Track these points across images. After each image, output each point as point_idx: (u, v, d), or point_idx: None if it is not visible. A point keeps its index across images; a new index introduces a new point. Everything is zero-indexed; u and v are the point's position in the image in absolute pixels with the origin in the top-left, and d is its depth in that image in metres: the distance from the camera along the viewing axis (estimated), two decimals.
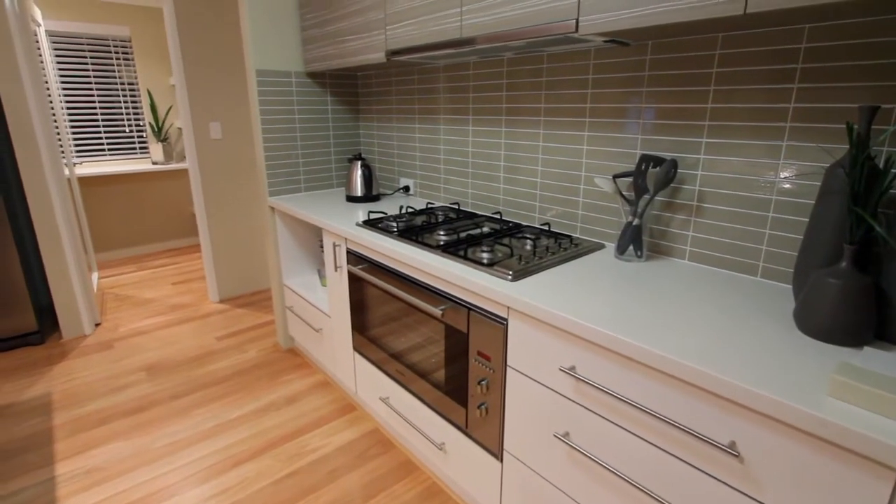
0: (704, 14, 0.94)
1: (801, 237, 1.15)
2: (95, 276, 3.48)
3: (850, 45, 1.01)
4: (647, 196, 1.33)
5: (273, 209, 2.33)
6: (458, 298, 1.35)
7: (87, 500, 1.61)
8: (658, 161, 1.31)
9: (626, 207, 1.39)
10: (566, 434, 1.13)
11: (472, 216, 1.89)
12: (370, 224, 1.77)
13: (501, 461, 1.34)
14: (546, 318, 1.07)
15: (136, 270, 3.92)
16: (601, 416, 1.04)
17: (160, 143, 4.27)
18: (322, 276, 2.41)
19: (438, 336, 1.46)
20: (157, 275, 3.81)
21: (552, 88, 1.61)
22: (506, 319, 1.21)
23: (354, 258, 1.78)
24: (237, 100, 3.11)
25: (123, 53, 4.10)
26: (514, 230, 1.66)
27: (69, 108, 3.94)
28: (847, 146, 1.04)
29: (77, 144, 4.02)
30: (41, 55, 2.93)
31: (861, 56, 1.00)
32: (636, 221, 1.35)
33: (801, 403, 0.71)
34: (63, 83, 3.88)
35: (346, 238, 1.76)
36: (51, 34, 3.76)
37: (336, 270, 1.91)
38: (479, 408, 1.36)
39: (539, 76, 1.63)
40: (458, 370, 1.41)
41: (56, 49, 3.80)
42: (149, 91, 4.23)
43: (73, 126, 3.98)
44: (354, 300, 1.84)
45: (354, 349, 1.93)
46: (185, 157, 4.53)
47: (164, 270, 3.91)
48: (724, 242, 1.28)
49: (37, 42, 2.83)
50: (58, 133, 2.98)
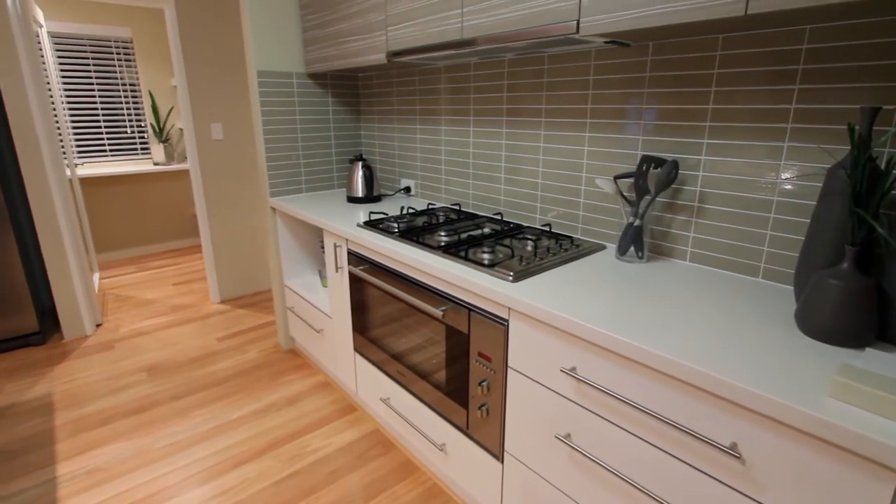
0: (705, 15, 0.94)
1: (803, 238, 1.14)
2: (97, 277, 3.48)
3: (852, 46, 1.01)
4: (648, 197, 1.33)
5: (274, 210, 2.33)
6: (459, 299, 1.35)
7: (88, 501, 1.61)
8: (659, 162, 1.31)
9: (627, 208, 1.39)
10: (567, 435, 1.13)
11: (473, 217, 1.89)
12: (371, 225, 1.77)
13: (502, 462, 1.34)
14: (547, 319, 1.07)
15: (138, 271, 3.93)
16: (602, 418, 1.04)
17: (161, 144, 4.28)
18: (323, 277, 2.41)
19: (439, 337, 1.46)
20: (158, 275, 3.81)
21: (553, 89, 1.61)
22: (507, 320, 1.21)
23: (355, 259, 1.78)
24: (238, 101, 3.11)
25: (125, 54, 4.11)
26: (515, 231, 1.66)
27: (71, 109, 3.95)
28: (848, 147, 1.04)
29: (79, 145, 4.03)
30: (43, 56, 2.94)
31: (862, 57, 1.00)
32: (637, 222, 1.35)
33: (803, 405, 0.71)
34: (65, 84, 3.88)
35: (347, 239, 1.76)
36: (53, 35, 3.77)
37: (337, 271, 1.91)
38: (480, 409, 1.36)
39: (540, 77, 1.63)
40: (459, 371, 1.41)
41: (58, 50, 3.81)
42: (150, 92, 4.24)
43: (75, 127, 3.98)
44: (355, 301, 1.84)
45: (355, 350, 1.93)
46: (187, 158, 4.54)
47: (165, 271, 3.92)
48: (726, 243, 1.28)
49: (39, 43, 2.83)
50: (59, 134, 2.99)
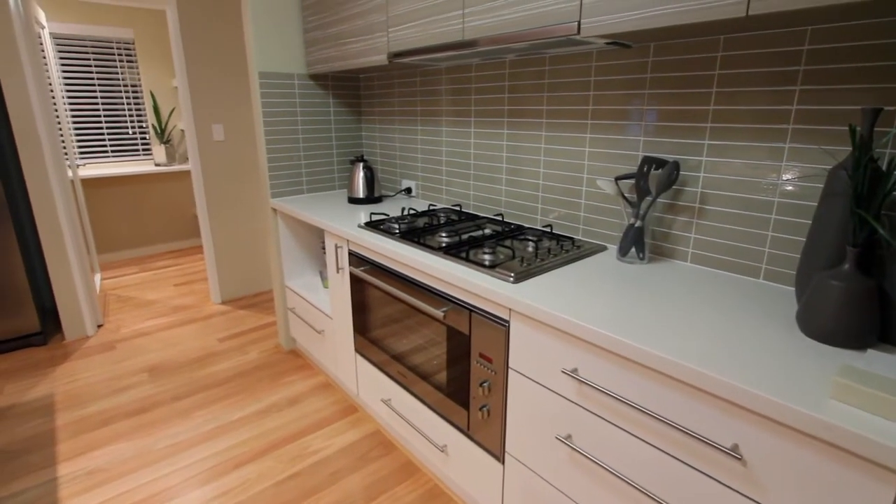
0: (707, 16, 0.94)
1: (804, 239, 1.14)
2: (98, 278, 3.49)
3: (853, 47, 1.01)
4: (650, 198, 1.33)
5: (275, 211, 2.34)
6: (460, 300, 1.35)
7: (89, 502, 1.61)
8: (660, 163, 1.31)
9: (628, 209, 1.39)
10: (568, 436, 1.12)
11: (474, 218, 1.89)
12: (372, 226, 1.77)
13: (503, 463, 1.34)
14: (548, 320, 1.07)
15: (139, 272, 3.93)
16: (603, 419, 1.03)
17: (163, 145, 4.29)
18: (324, 278, 2.41)
19: (440, 338, 1.46)
20: (160, 276, 3.82)
21: (554, 90, 1.61)
22: (508, 321, 1.21)
23: (356, 260, 1.78)
24: (240, 102, 3.12)
25: (127, 55, 4.11)
26: (516, 232, 1.66)
27: (73, 110, 3.95)
28: (850, 148, 1.04)
29: (80, 146, 4.03)
30: (45, 57, 2.94)
31: (864, 58, 1.00)
32: (638, 223, 1.35)
33: (804, 406, 0.71)
34: (67, 85, 3.89)
35: (348, 240, 1.77)
36: (55, 36, 3.78)
37: (338, 272, 1.91)
38: (481, 410, 1.36)
39: (541, 78, 1.63)
40: (460, 372, 1.41)
41: (60, 51, 3.82)
42: (152, 93, 4.24)
43: (77, 127, 3.99)
44: (356, 302, 1.84)
45: (356, 351, 1.93)
46: (188, 159, 4.54)
47: (167, 272, 3.92)
48: (727, 244, 1.28)
49: (41, 44, 2.84)
50: (61, 134, 2.99)
